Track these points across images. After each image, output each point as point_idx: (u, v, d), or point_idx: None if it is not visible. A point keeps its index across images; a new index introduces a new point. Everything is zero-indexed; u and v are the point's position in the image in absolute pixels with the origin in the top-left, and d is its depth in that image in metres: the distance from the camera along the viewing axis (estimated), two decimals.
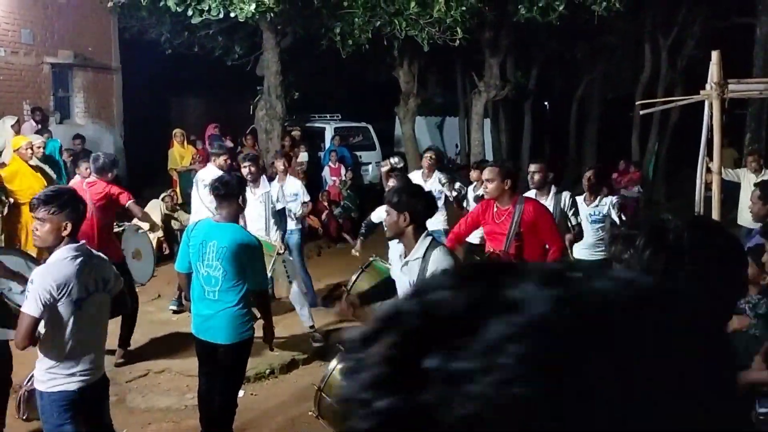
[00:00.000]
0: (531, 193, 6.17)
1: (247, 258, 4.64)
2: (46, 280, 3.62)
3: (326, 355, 6.96)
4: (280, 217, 7.75)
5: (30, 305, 3.58)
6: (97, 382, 3.91)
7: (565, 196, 6.23)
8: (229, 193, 4.76)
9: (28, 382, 3.91)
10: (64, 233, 3.67)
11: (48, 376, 3.75)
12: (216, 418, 4.85)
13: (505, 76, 16.63)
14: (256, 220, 7.34)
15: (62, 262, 3.68)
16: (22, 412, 4.41)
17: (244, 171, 7.54)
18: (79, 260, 3.72)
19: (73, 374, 3.76)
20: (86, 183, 6.75)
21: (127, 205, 6.79)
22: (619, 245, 1.36)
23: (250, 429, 5.51)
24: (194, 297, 4.83)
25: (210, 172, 7.51)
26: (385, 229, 4.06)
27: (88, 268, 3.77)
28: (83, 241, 3.95)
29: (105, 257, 4.11)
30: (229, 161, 7.80)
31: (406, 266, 3.94)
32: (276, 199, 7.69)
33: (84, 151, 11.98)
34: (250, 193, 7.46)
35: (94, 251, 4.05)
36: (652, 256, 1.29)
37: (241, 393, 5.56)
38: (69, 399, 3.74)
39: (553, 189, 6.24)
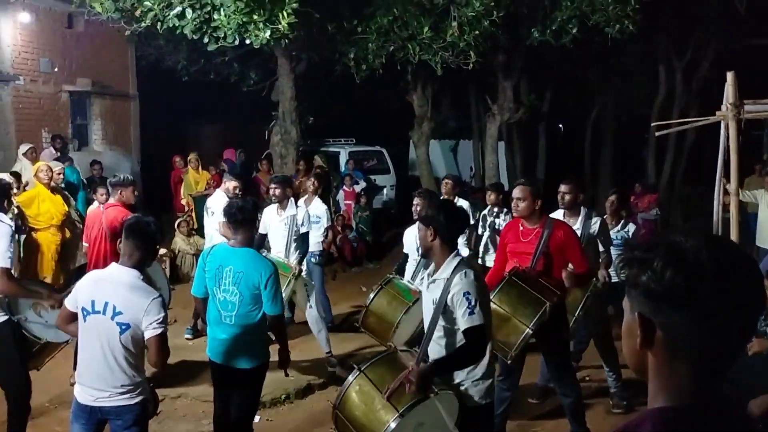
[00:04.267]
0: (559, 213, 5.99)
1: (263, 283, 4.64)
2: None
3: (342, 380, 6.91)
4: (302, 240, 7.61)
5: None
6: (110, 408, 3.81)
7: (596, 221, 6.02)
8: (246, 219, 4.78)
9: None
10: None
11: None
12: None
13: (519, 98, 16.61)
14: (278, 241, 7.36)
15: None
16: None
17: (270, 192, 7.64)
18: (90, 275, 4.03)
19: (81, 386, 3.90)
20: (103, 206, 6.90)
21: None
22: (635, 269, 1.37)
23: None
24: (211, 321, 4.83)
25: (218, 199, 7.53)
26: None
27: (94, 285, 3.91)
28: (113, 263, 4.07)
29: (122, 282, 3.87)
30: (237, 190, 7.69)
31: (433, 284, 3.88)
32: (301, 222, 7.60)
33: (102, 178, 12.10)
34: (275, 214, 7.49)
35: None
36: (673, 276, 1.29)
37: (256, 419, 5.53)
38: (77, 407, 3.88)
39: (584, 210, 6.02)
